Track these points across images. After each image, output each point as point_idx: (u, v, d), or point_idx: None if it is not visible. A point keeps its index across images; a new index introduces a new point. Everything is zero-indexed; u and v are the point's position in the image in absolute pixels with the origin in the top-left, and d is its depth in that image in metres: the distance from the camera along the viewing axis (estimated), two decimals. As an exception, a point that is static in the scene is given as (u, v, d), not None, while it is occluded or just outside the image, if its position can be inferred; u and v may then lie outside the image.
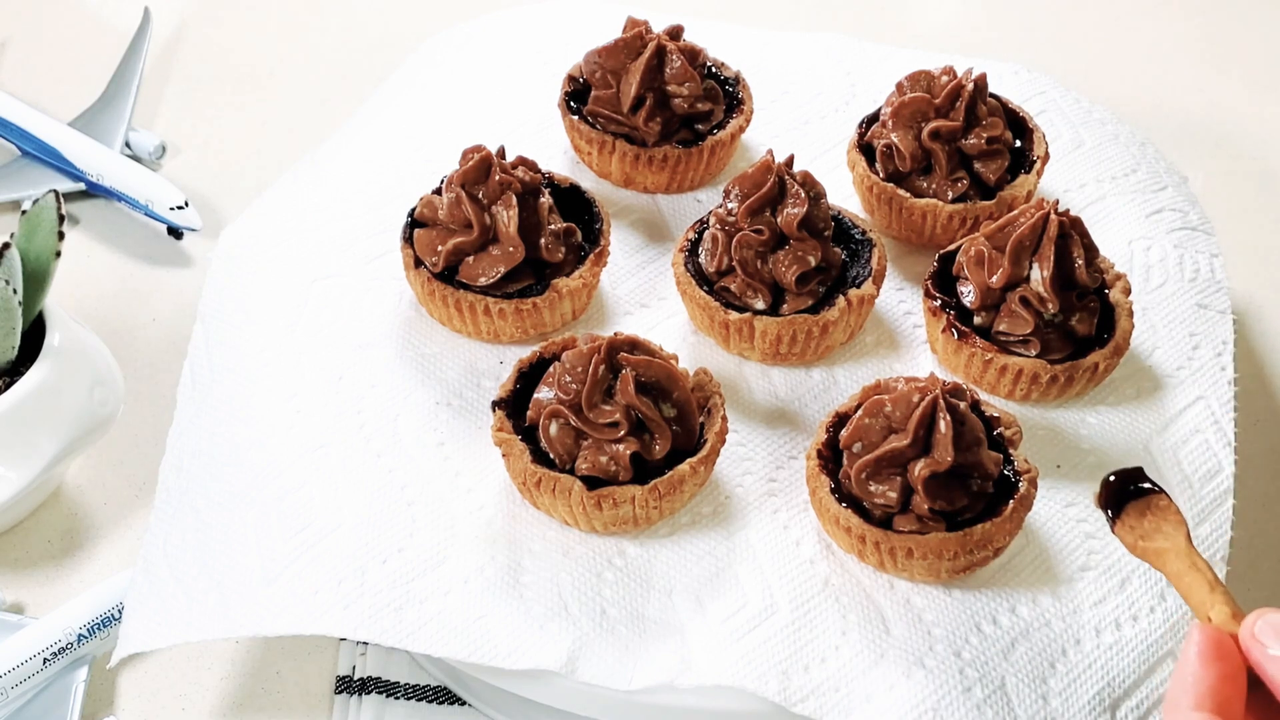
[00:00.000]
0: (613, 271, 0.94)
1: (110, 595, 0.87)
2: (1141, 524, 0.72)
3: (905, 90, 0.95)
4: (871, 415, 0.78)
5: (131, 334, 1.08)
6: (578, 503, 0.78)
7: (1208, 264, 0.97)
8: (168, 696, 0.87)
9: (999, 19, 1.44)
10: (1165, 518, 0.72)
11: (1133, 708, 0.76)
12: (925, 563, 0.77)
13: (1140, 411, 0.88)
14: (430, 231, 0.89)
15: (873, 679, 0.75)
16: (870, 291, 0.88)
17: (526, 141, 1.03)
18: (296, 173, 1.04)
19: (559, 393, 0.79)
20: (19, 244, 0.91)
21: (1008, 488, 0.78)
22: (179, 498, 0.86)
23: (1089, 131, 1.07)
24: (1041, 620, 0.78)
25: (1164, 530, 0.72)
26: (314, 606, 0.78)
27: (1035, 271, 0.85)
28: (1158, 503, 0.72)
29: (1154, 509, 0.72)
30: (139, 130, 1.23)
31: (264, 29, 1.39)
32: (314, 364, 0.90)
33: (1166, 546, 0.71)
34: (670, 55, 0.96)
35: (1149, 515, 0.72)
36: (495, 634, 0.77)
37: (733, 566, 0.80)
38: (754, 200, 0.86)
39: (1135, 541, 0.71)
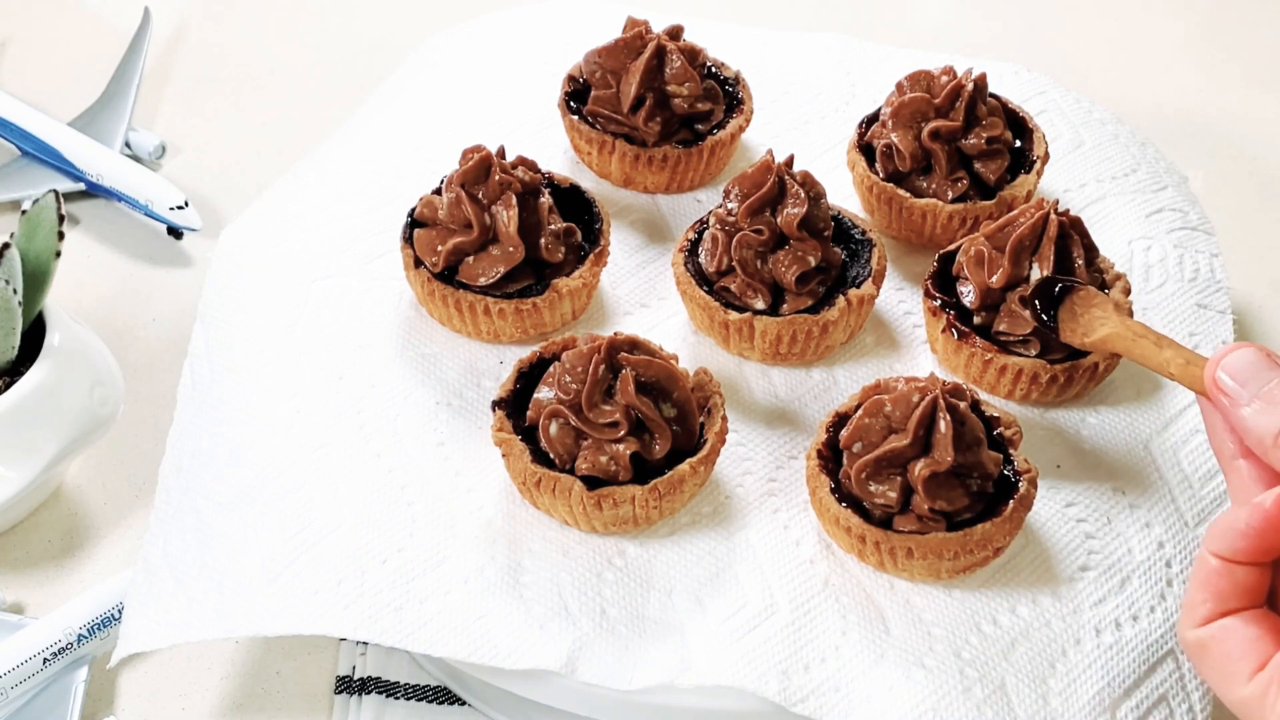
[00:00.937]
0: (613, 271, 0.94)
1: (110, 595, 0.87)
2: (1078, 322, 0.74)
3: (905, 90, 0.95)
4: (871, 415, 0.78)
5: (131, 334, 1.08)
6: (578, 503, 0.78)
7: (1208, 264, 0.97)
8: (168, 696, 0.87)
9: (999, 19, 1.44)
10: (1095, 305, 0.74)
11: (1133, 708, 0.76)
12: (925, 563, 0.77)
13: (1140, 411, 0.88)
14: (430, 231, 0.89)
15: (873, 679, 0.75)
16: (870, 291, 0.88)
17: (526, 141, 1.03)
18: (296, 173, 1.04)
19: (559, 393, 0.79)
20: (19, 244, 0.91)
21: (1008, 488, 0.78)
22: (179, 498, 0.86)
23: (1089, 131, 1.07)
24: (1041, 620, 0.78)
25: (1099, 317, 0.73)
26: (314, 606, 0.78)
27: (1035, 271, 0.85)
28: (1084, 297, 0.74)
29: (1082, 303, 0.74)
30: (139, 130, 1.23)
31: (264, 29, 1.39)
32: (314, 364, 0.90)
33: (1108, 331, 0.72)
34: (670, 55, 0.96)
35: (1081, 311, 0.74)
36: (495, 634, 0.77)
37: (733, 566, 0.80)
38: (754, 200, 0.86)
39: (1082, 339, 0.73)
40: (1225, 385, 0.69)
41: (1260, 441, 0.68)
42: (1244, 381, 0.68)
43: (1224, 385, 0.69)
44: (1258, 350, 0.69)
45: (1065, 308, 0.77)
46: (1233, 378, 0.68)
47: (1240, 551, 0.66)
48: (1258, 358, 0.68)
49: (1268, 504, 0.66)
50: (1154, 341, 0.72)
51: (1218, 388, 0.69)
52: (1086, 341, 0.74)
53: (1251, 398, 0.68)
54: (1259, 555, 0.67)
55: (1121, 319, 0.74)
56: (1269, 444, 0.67)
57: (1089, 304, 0.76)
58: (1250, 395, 0.68)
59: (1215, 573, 0.67)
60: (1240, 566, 0.67)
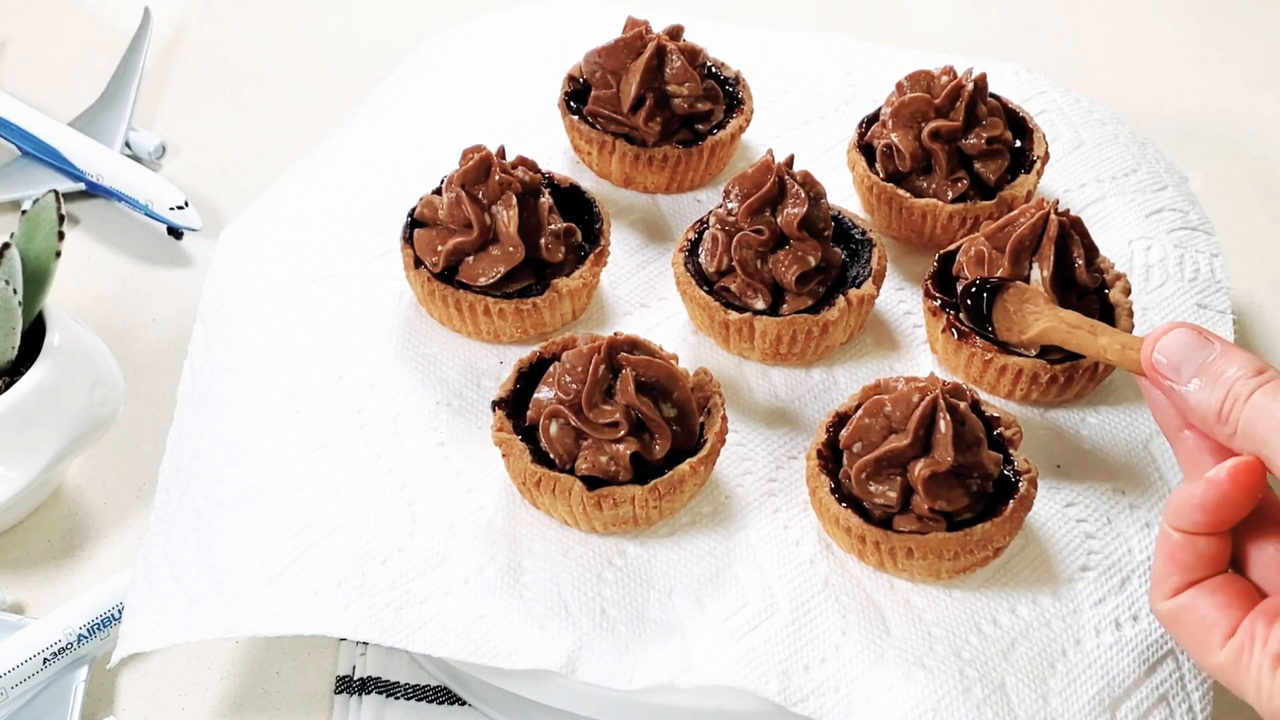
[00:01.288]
0: (613, 271, 0.94)
1: (110, 595, 0.87)
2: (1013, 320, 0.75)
3: (905, 90, 0.95)
4: (871, 415, 0.78)
5: (131, 334, 1.08)
6: (578, 503, 0.78)
7: (1208, 264, 0.97)
8: (168, 696, 0.87)
9: (999, 19, 1.44)
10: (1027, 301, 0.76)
11: (1133, 708, 0.76)
12: (925, 563, 0.77)
13: (1140, 411, 0.88)
14: (430, 231, 0.89)
15: (873, 679, 0.75)
16: (870, 291, 0.88)
17: (526, 141, 1.03)
18: (296, 173, 1.04)
19: (559, 393, 0.79)
20: (19, 244, 0.91)
21: (1008, 488, 0.78)
22: (179, 498, 0.86)
23: (1089, 131, 1.07)
24: (1041, 620, 0.78)
25: (1032, 311, 0.75)
26: (314, 606, 0.78)
27: (1035, 271, 0.85)
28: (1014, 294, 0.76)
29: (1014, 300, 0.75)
30: (139, 130, 1.23)
31: (264, 29, 1.39)
32: (314, 364, 0.90)
33: (1044, 325, 0.73)
34: (670, 55, 0.96)
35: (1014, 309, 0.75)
36: (495, 634, 0.77)
37: (733, 566, 0.80)
38: (754, 200, 0.86)
39: (1019, 336, 0.74)
40: (1162, 366, 0.71)
41: (1204, 419, 0.70)
42: (1180, 360, 0.70)
43: (1161, 366, 0.71)
44: (1190, 329, 0.71)
45: (998, 308, 0.78)
46: (1169, 358, 0.71)
47: (1199, 524, 0.69)
48: (1191, 336, 0.70)
49: (1221, 476, 0.68)
50: (1089, 330, 0.74)
51: (1155, 369, 0.71)
52: (1024, 338, 0.75)
53: (1190, 376, 0.70)
54: (1216, 526, 0.69)
55: (1054, 311, 0.75)
56: (1213, 420, 0.69)
57: (1020, 300, 0.77)
58: (1189, 373, 0.70)
59: (1178, 546, 0.70)
60: (1201, 538, 0.69)
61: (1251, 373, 0.69)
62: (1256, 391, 0.68)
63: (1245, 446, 0.69)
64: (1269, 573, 0.70)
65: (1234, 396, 0.68)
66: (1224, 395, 0.69)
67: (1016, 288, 0.77)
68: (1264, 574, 0.70)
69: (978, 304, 0.78)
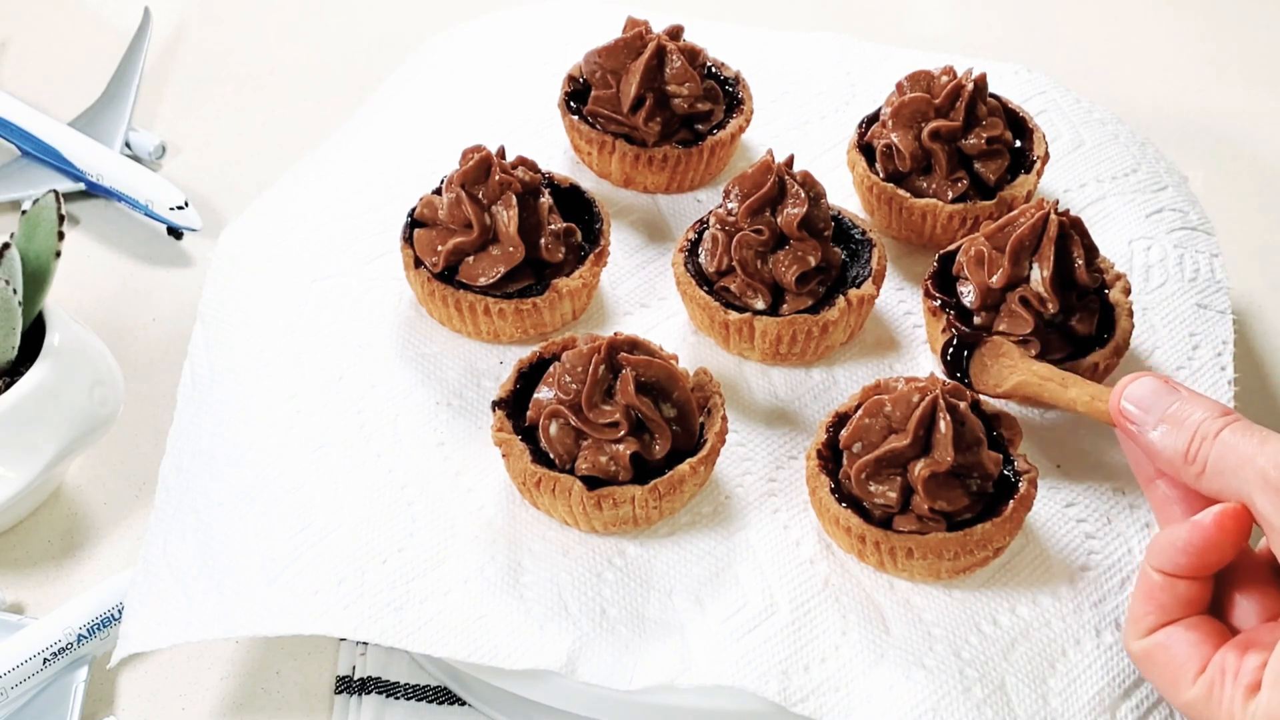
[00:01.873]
0: (613, 271, 0.94)
1: (110, 595, 0.87)
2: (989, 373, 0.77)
3: (905, 90, 0.95)
4: (871, 415, 0.78)
5: (131, 334, 1.08)
6: (578, 503, 0.78)
7: (1208, 264, 0.97)
8: (168, 696, 0.87)
9: (999, 19, 1.44)
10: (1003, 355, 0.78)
11: (1133, 708, 0.76)
12: (925, 563, 0.77)
13: (1140, 411, 0.88)
14: (430, 231, 0.89)
15: (873, 679, 0.75)
16: (870, 291, 0.88)
17: (526, 141, 1.03)
18: (296, 173, 1.04)
19: (559, 393, 0.79)
20: (19, 244, 0.91)
21: (1008, 488, 0.78)
22: (179, 498, 0.86)
23: (1089, 131, 1.07)
24: (1041, 620, 0.78)
25: (1008, 365, 0.79)
26: (314, 606, 0.78)
27: (1035, 271, 0.85)
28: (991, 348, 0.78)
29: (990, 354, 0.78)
30: (139, 130, 1.23)
31: (264, 29, 1.39)
32: (314, 364, 0.90)
33: (1018, 379, 0.78)
34: (670, 55, 0.96)
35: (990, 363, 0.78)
36: (495, 634, 0.77)
37: (733, 566, 0.80)
38: (754, 200, 0.86)
39: (994, 389, 0.76)
40: (1130, 413, 0.73)
41: (1170, 463, 0.72)
42: (1147, 408, 0.73)
43: (1129, 414, 0.73)
44: (1156, 378, 0.73)
45: (976, 361, 0.81)
46: (1136, 405, 0.73)
47: (1181, 567, 0.70)
48: (1157, 385, 0.73)
49: (1207, 522, 0.69)
50: (1059, 382, 0.77)
51: (1124, 416, 0.74)
52: (999, 391, 0.79)
53: (1157, 422, 0.72)
54: (1199, 570, 0.70)
55: (1027, 365, 0.78)
56: (1179, 464, 0.71)
57: (997, 354, 0.80)
58: (1155, 420, 0.72)
59: (1158, 587, 0.71)
60: (1181, 581, 0.71)
61: (1218, 414, 0.71)
62: (1225, 430, 0.70)
63: (1213, 484, 0.70)
64: (1247, 617, 0.71)
65: (1201, 435, 0.70)
66: (1191, 436, 0.70)
67: (992, 342, 0.80)
68: (1243, 618, 0.71)
69: (956, 359, 0.80)
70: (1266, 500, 0.67)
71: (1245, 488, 0.68)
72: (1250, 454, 0.68)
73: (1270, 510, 0.67)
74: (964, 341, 0.80)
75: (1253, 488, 0.68)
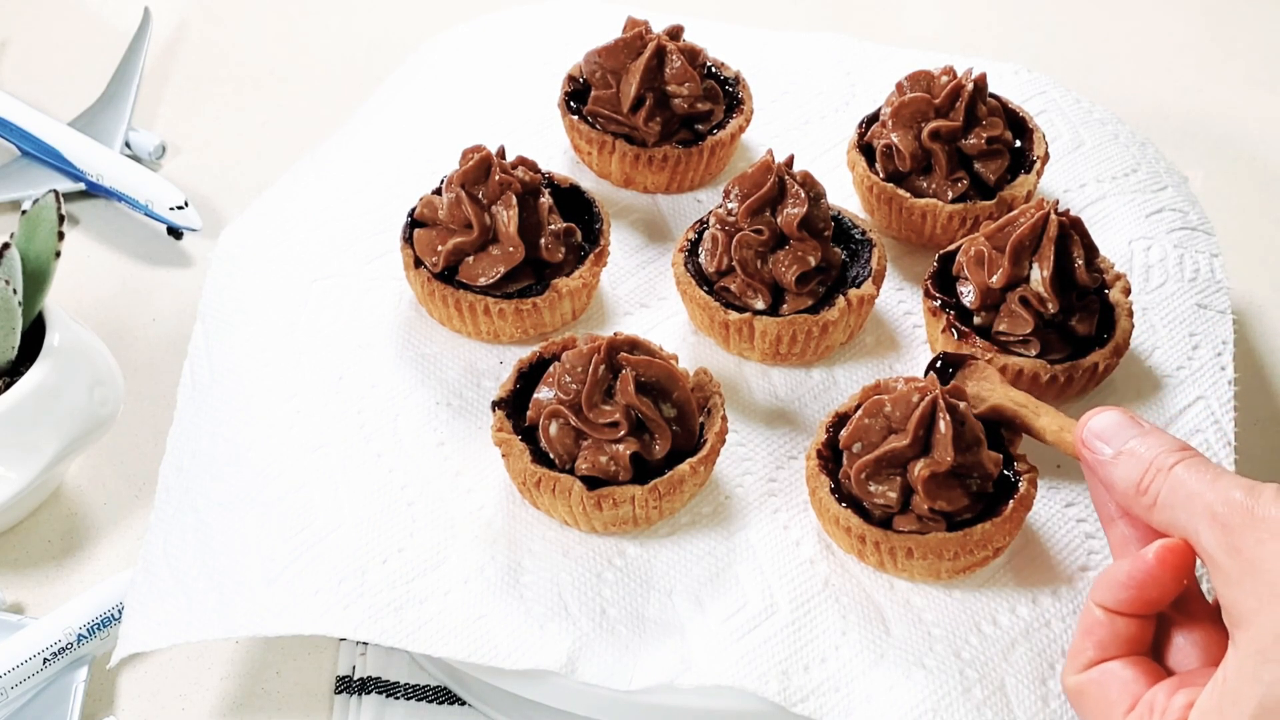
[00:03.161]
0: (613, 271, 0.94)
1: (110, 595, 0.87)
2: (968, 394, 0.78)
3: (905, 90, 0.95)
4: (871, 415, 0.78)
5: (131, 334, 1.08)
6: (578, 503, 0.78)
7: (1208, 264, 0.97)
8: (168, 696, 0.87)
9: (999, 19, 1.44)
10: (984, 379, 0.81)
11: (1133, 708, 0.76)
12: (925, 563, 0.77)
13: (1140, 412, 0.88)
14: (430, 231, 0.89)
15: (873, 679, 0.75)
16: (870, 291, 0.88)
17: (526, 141, 1.03)
18: (296, 173, 1.04)
19: (559, 393, 0.79)
20: (19, 244, 0.91)
21: (1008, 488, 0.78)
22: (179, 498, 0.86)
23: (1089, 131, 1.07)
24: (1041, 620, 0.78)
25: (986, 389, 0.80)
26: (314, 606, 0.78)
27: (1035, 271, 0.85)
28: (971, 371, 0.81)
29: (972, 376, 0.79)
30: (139, 130, 1.23)
31: (264, 29, 1.39)
32: (314, 364, 0.90)
33: (994, 401, 0.79)
34: (670, 55, 0.96)
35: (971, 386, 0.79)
36: (495, 634, 0.77)
37: (733, 566, 0.80)
38: (754, 200, 0.86)
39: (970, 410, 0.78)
40: (1092, 444, 0.73)
41: (1125, 494, 0.71)
42: (1108, 439, 0.73)
43: (1090, 444, 0.73)
44: (1121, 412, 0.73)
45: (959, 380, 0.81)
46: (1098, 437, 0.73)
47: (1123, 603, 0.70)
48: (1119, 418, 0.73)
49: (1148, 556, 0.69)
50: (1032, 410, 0.78)
51: (1085, 447, 0.74)
52: (976, 412, 0.79)
53: (1115, 454, 0.72)
54: (1141, 607, 0.70)
55: (1004, 390, 0.79)
56: (1132, 495, 0.71)
57: (978, 377, 0.81)
58: (1114, 452, 0.72)
59: (1099, 623, 0.71)
60: (1122, 618, 0.70)
61: (1174, 448, 0.70)
62: (1179, 464, 0.69)
63: (1163, 517, 0.69)
64: (1187, 660, 0.70)
65: (1156, 468, 0.70)
66: (1145, 468, 0.70)
67: (974, 366, 0.81)
68: (1182, 661, 0.71)
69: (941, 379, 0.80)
70: (1212, 536, 0.66)
71: (1193, 523, 0.67)
72: (1200, 490, 0.67)
73: (1214, 547, 0.66)
74: (949, 361, 0.81)
75: (1200, 523, 0.67)
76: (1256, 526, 0.65)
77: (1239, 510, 0.66)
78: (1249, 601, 0.64)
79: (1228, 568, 0.65)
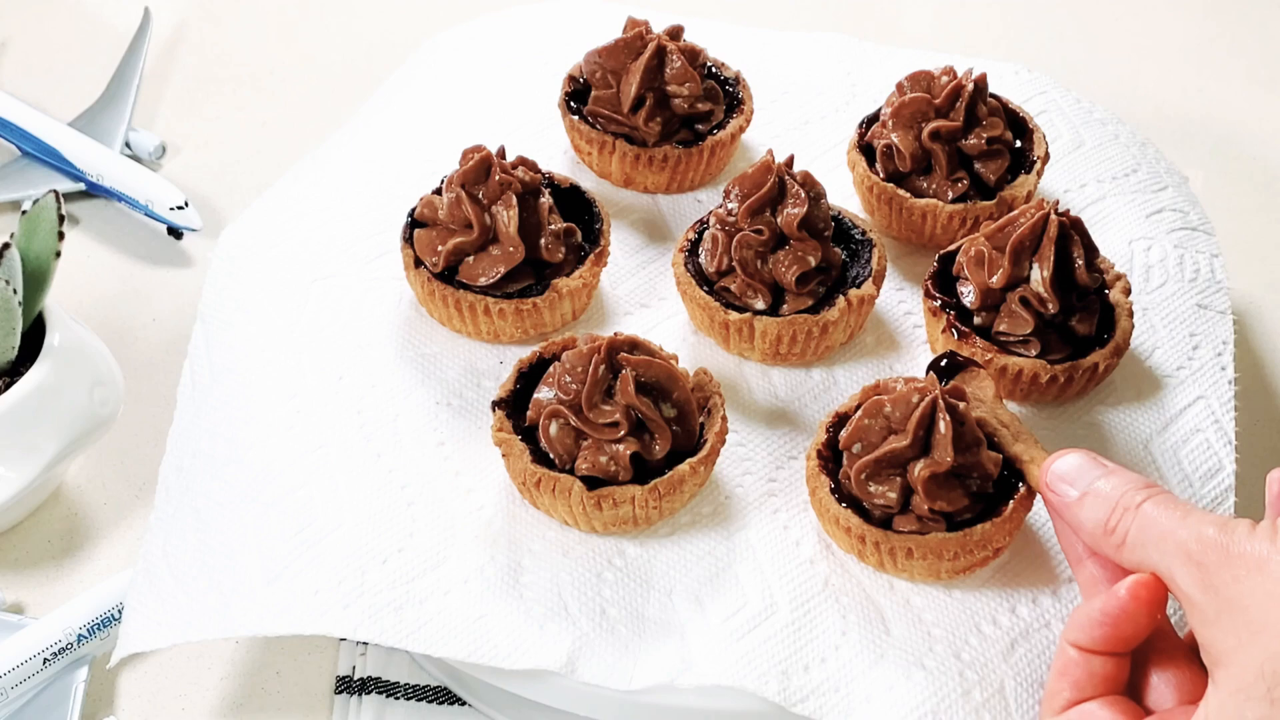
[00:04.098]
0: (613, 271, 0.94)
1: (110, 595, 0.87)
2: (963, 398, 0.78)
3: (905, 90, 0.95)
4: (871, 416, 0.78)
5: (131, 334, 1.08)
6: (578, 503, 0.78)
7: (1208, 264, 0.97)
8: (168, 696, 0.87)
9: (999, 19, 1.44)
10: (979, 387, 0.80)
11: (1133, 708, 0.76)
12: (925, 563, 0.77)
13: (1140, 411, 0.88)
14: (430, 231, 0.89)
15: (872, 679, 0.75)
16: (870, 291, 0.88)
17: (526, 141, 1.03)
18: (296, 173, 1.04)
19: (559, 393, 0.79)
20: (19, 244, 0.91)
21: (1008, 488, 0.78)
22: (179, 497, 0.86)
23: (1089, 131, 1.07)
24: (1041, 620, 0.78)
25: (978, 401, 0.79)
26: (314, 606, 0.78)
27: (1035, 272, 0.85)
28: (970, 376, 0.81)
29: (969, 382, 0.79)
30: (139, 130, 1.23)
31: (264, 29, 1.39)
32: (314, 364, 0.90)
33: (981, 414, 0.78)
34: (670, 55, 0.96)
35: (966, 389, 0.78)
36: (495, 634, 0.77)
37: (733, 566, 0.80)
38: (754, 200, 0.86)
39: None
40: (1056, 487, 0.73)
41: (1093, 535, 0.71)
42: (1072, 481, 0.72)
43: (1055, 487, 0.73)
44: (1084, 454, 0.73)
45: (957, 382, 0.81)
46: (1062, 479, 0.73)
47: (1098, 640, 0.69)
48: (1083, 459, 0.73)
49: (1121, 592, 0.68)
50: (1011, 433, 0.78)
51: (1050, 490, 0.73)
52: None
53: (1081, 495, 0.71)
54: (1114, 645, 0.69)
55: (992, 406, 0.79)
56: (1100, 535, 0.70)
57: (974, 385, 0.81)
58: (1079, 493, 0.72)
59: (1073, 663, 0.70)
60: (1097, 657, 0.70)
61: (1140, 486, 0.70)
62: (1146, 502, 0.69)
63: (1134, 556, 0.69)
64: (1164, 699, 0.70)
65: (1123, 507, 0.69)
66: (1112, 507, 0.70)
67: (974, 373, 0.80)
68: (1159, 700, 0.70)
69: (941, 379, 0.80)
70: (1187, 575, 0.65)
71: (1165, 561, 0.67)
72: (1171, 527, 0.67)
73: (1190, 584, 0.65)
74: (952, 364, 0.80)
75: (1173, 561, 0.66)
76: (1232, 563, 0.64)
77: (1213, 547, 0.65)
78: (1228, 640, 0.63)
79: (1204, 606, 0.65)
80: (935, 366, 0.81)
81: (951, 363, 0.81)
